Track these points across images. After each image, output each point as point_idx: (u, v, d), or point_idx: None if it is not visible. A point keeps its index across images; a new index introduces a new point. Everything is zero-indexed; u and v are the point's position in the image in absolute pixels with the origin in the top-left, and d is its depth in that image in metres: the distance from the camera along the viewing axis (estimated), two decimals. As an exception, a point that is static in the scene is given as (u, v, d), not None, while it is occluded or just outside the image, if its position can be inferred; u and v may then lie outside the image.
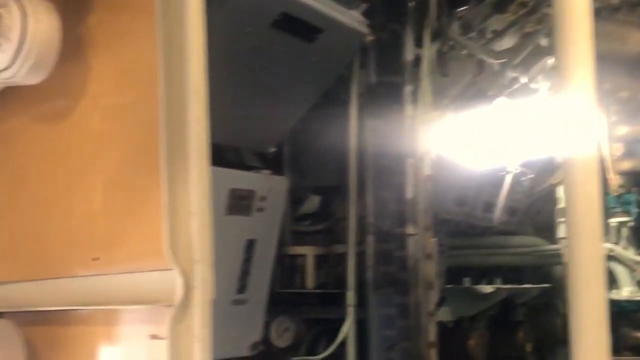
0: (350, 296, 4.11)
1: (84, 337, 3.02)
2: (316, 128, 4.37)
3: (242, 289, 3.95)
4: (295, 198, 4.56)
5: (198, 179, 2.57)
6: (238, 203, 3.78)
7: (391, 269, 4.04)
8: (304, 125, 4.30)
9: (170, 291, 2.60)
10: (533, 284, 7.03)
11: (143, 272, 2.76)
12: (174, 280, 2.59)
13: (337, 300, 4.19)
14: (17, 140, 3.26)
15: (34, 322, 3.18)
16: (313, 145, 4.43)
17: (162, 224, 2.62)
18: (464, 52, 5.02)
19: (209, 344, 2.53)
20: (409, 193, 4.09)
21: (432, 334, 4.08)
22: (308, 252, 4.34)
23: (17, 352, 3.00)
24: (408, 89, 4.16)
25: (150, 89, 2.70)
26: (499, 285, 6.50)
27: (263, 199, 3.89)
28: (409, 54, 4.18)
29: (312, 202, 4.69)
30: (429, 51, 4.29)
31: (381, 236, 4.06)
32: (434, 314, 4.10)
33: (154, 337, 2.73)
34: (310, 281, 4.32)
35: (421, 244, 4.07)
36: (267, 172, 3.97)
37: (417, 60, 4.23)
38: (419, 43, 4.26)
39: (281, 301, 4.26)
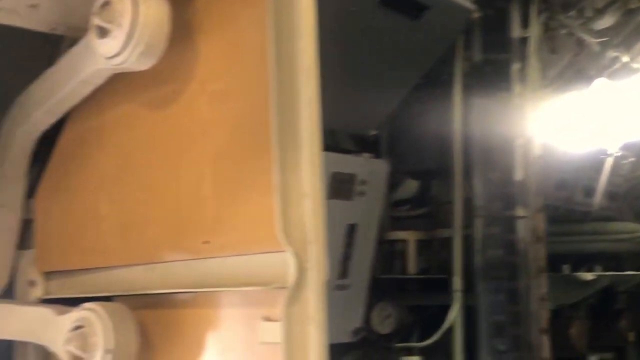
0: (457, 281, 4.02)
1: (195, 319, 3.04)
2: (415, 110, 4.30)
3: (343, 274, 3.92)
4: (391, 183, 4.49)
5: (310, 159, 2.55)
6: (339, 187, 3.76)
7: (500, 252, 3.93)
8: (402, 107, 4.23)
9: (283, 273, 2.59)
10: (634, 271, 6.76)
11: (254, 254, 2.75)
12: (287, 261, 2.57)
13: (440, 286, 4.11)
14: (125, 126, 3.31)
15: (144, 305, 3.22)
16: (412, 128, 4.35)
17: (273, 206, 2.61)
18: (564, 31, 4.84)
19: (324, 327, 2.50)
20: (518, 175, 3.97)
21: (544, 319, 3.95)
22: (409, 237, 4.27)
23: (132, 334, 3.04)
24: (516, 66, 4.03)
25: (259, 72, 2.69)
26: (599, 272, 6.27)
27: (364, 182, 3.85)
28: (516, 30, 4.05)
29: (409, 187, 4.61)
30: (536, 28, 4.13)
31: (489, 219, 3.95)
32: (546, 298, 3.96)
33: (266, 319, 2.73)
34: (411, 267, 4.26)
35: (531, 227, 3.93)
36: (367, 155, 3.92)
37: (523, 38, 4.09)
38: (524, 20, 4.12)
39: (381, 287, 4.21)
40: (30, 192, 3.70)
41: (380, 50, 3.66)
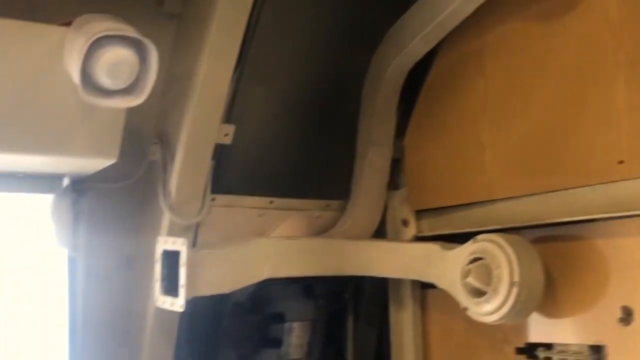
0: None
1: (608, 251, 2.73)
2: None
3: None
4: None
5: None
6: None
7: None
8: None
9: None
10: None
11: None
12: None
13: None
14: (512, 46, 3.04)
15: (541, 238, 2.98)
16: None
17: None
18: None
19: None
20: None
21: None
22: None
23: (538, 267, 2.81)
24: None
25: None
26: None
27: None
28: None
29: None
30: None
31: None
32: None
33: None
34: None
35: None
36: None
37: None
38: None
39: None
40: (397, 130, 3.61)
41: None
